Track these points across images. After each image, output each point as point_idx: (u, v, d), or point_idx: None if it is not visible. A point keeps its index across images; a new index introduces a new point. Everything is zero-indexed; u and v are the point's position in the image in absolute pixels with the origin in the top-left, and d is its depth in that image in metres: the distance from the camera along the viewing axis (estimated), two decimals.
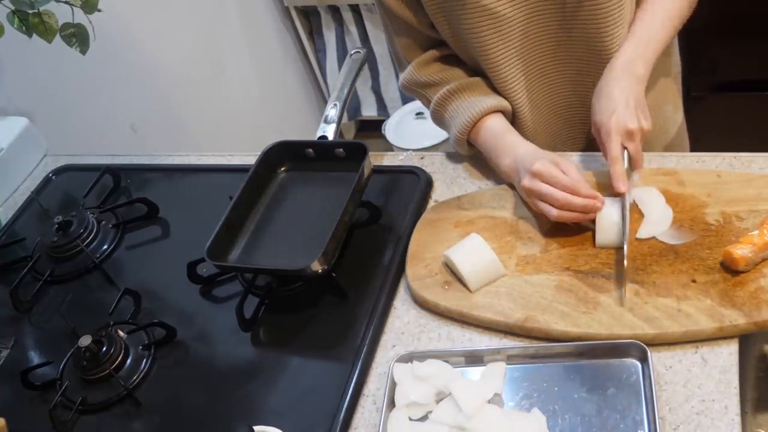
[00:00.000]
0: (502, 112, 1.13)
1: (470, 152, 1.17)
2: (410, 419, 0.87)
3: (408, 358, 0.93)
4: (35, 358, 1.13)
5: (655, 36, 1.06)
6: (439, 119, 1.19)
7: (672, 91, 1.26)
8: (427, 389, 0.88)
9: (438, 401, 0.88)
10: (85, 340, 1.03)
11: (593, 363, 0.88)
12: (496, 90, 1.15)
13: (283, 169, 1.22)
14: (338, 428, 0.89)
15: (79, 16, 1.28)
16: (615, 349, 0.87)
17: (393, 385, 0.91)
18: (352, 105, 2.81)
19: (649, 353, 0.84)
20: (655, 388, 0.82)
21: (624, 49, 1.05)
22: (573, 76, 1.15)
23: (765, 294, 0.87)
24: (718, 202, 0.99)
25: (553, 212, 0.98)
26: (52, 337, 1.14)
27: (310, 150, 1.19)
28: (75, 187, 1.39)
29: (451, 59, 1.18)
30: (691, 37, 1.88)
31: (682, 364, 0.86)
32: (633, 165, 1.00)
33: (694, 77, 1.87)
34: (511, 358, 0.91)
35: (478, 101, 1.12)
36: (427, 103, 1.20)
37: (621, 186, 0.97)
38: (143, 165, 1.43)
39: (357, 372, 0.95)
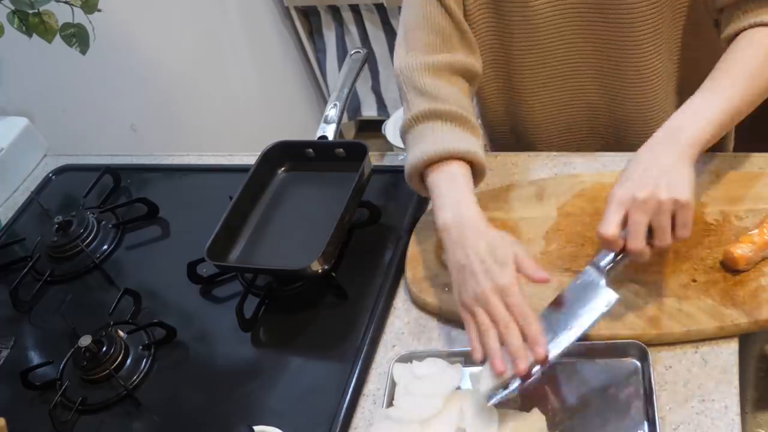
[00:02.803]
0: (476, 165, 0.98)
1: (418, 186, 1.01)
2: (410, 420, 0.87)
3: (408, 358, 0.93)
4: (35, 358, 1.13)
5: (721, 99, 0.88)
6: (406, 131, 1.03)
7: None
8: (427, 389, 0.88)
9: (437, 402, 0.88)
10: (85, 340, 1.03)
11: (593, 363, 0.88)
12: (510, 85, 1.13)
13: (283, 169, 1.22)
14: (338, 428, 0.89)
15: (79, 16, 1.28)
16: (615, 349, 0.87)
17: (393, 384, 0.91)
18: (352, 105, 2.81)
19: (648, 353, 0.84)
20: (655, 388, 0.82)
21: (676, 114, 0.88)
22: (592, 77, 1.14)
23: (766, 293, 0.87)
24: (718, 202, 0.98)
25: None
26: (52, 337, 1.14)
27: (310, 150, 1.19)
28: (75, 187, 1.39)
29: (458, 70, 1.06)
30: None
31: (682, 364, 0.86)
32: (656, 242, 0.83)
33: None
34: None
35: (462, 136, 0.98)
36: (406, 104, 1.03)
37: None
38: (143, 165, 1.43)
39: (357, 372, 0.95)
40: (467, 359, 0.92)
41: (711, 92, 0.89)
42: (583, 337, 0.84)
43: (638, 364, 0.86)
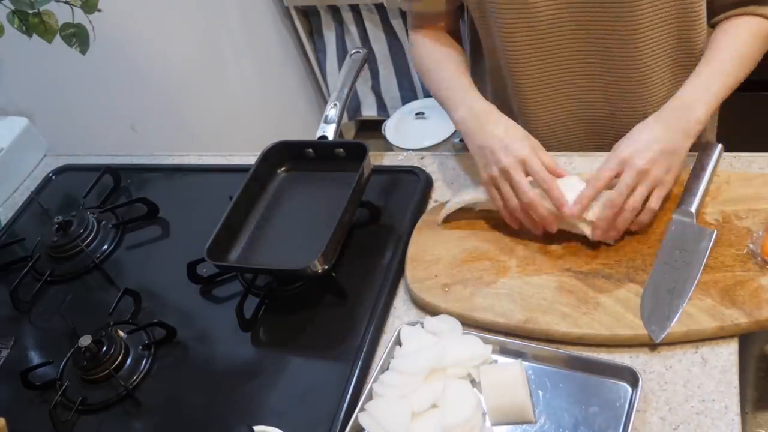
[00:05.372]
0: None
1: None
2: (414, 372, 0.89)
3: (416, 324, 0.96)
4: (35, 358, 1.13)
5: (721, 75, 0.97)
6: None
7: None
8: (431, 341, 0.92)
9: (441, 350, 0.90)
10: (85, 340, 1.03)
11: (585, 377, 0.87)
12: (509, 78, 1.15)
13: (283, 169, 1.22)
14: (338, 428, 0.89)
15: (79, 16, 1.28)
16: (609, 368, 0.86)
17: (396, 344, 0.93)
18: (352, 105, 2.81)
19: (640, 380, 0.82)
20: (633, 419, 0.80)
21: (685, 89, 0.97)
22: (593, 82, 1.13)
23: (765, 293, 0.87)
24: (718, 202, 0.98)
25: (504, 209, 0.99)
26: (52, 337, 1.14)
27: (310, 150, 1.19)
28: (75, 187, 1.39)
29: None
30: None
31: (682, 364, 0.86)
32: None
33: None
34: (506, 351, 0.92)
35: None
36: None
37: (566, 210, 0.93)
38: (143, 165, 1.43)
39: (357, 372, 0.95)
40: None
41: (713, 70, 0.98)
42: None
43: (628, 389, 0.84)
